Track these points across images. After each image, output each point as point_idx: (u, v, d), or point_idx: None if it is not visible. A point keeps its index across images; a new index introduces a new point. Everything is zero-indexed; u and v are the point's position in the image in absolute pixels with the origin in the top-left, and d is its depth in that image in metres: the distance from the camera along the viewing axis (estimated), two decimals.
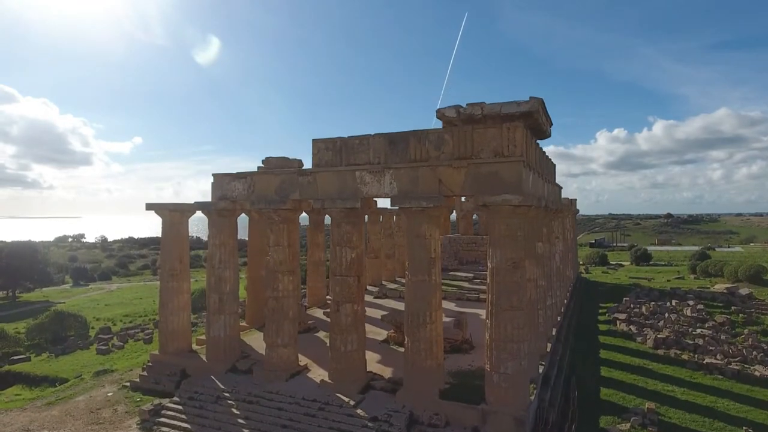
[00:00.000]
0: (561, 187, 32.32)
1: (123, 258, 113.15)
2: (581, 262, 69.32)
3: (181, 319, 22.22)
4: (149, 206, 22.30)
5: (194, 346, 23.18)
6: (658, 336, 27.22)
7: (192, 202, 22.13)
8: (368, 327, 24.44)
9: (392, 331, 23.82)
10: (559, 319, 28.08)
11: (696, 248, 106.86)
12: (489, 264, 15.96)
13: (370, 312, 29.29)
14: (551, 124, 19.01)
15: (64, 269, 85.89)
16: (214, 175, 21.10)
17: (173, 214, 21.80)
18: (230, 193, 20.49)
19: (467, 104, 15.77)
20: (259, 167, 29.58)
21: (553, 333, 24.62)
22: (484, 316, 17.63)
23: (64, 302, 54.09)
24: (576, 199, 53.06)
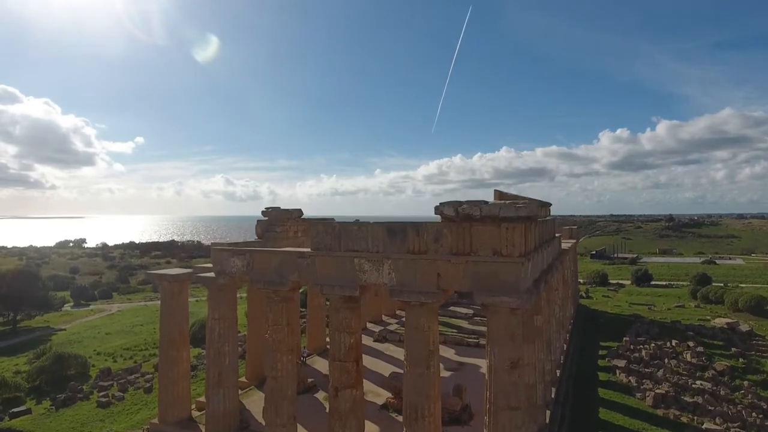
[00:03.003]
0: (560, 236, 32.27)
1: (124, 269, 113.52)
2: (582, 281, 69.38)
3: (180, 389, 22.27)
4: (149, 275, 22.31)
5: (194, 413, 23.23)
6: (657, 392, 27.23)
7: (187, 271, 22.17)
8: (367, 385, 24.51)
9: (391, 396, 23.84)
10: (558, 373, 28.07)
11: (697, 261, 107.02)
12: (487, 361, 15.99)
13: (369, 362, 29.36)
14: (550, 205, 18.98)
15: (64, 284, 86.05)
16: (213, 249, 21.09)
17: (172, 284, 21.82)
18: (229, 269, 20.47)
19: (466, 203, 15.74)
20: (263, 213, 29.66)
21: (552, 395, 24.63)
22: (484, 370, 17.37)
23: (64, 329, 54.33)
24: (576, 228, 53.11)
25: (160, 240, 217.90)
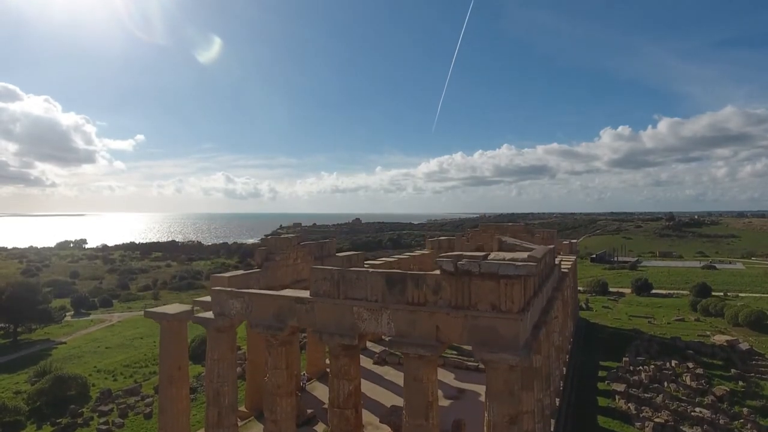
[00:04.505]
0: (561, 259, 32.19)
1: (124, 273, 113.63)
2: (581, 289, 69.33)
3: (179, 425, 22.27)
4: (147, 314, 22.33)
5: None
6: (657, 420, 27.28)
7: (186, 309, 22.17)
8: (366, 416, 24.51)
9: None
10: (557, 402, 28.07)
11: (698, 265, 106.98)
12: (486, 416, 15.97)
13: (369, 388, 29.28)
14: (555, 245, 18.91)
15: (65, 290, 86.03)
16: (212, 289, 21.05)
17: (171, 323, 21.79)
18: (228, 311, 20.44)
19: (465, 260, 15.71)
20: (262, 241, 29.62)
21: (552, 427, 24.63)
22: (484, 398, 17.16)
23: (65, 342, 54.41)
24: (576, 242, 53.03)
25: (161, 240, 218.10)
